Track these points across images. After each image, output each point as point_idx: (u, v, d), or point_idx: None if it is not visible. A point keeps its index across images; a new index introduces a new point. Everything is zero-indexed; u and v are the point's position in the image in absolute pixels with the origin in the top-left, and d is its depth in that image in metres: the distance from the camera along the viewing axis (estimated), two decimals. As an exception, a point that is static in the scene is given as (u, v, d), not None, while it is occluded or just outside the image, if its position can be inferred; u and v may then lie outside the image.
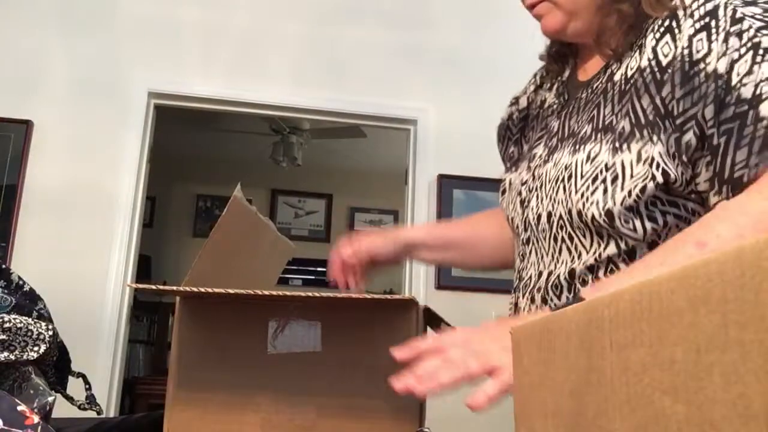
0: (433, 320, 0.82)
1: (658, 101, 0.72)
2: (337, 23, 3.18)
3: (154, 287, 0.80)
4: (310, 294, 0.70)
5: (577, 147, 0.82)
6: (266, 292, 0.71)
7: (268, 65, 3.10)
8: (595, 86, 0.86)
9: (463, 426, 2.70)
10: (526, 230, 0.90)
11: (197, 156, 5.42)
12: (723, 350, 0.23)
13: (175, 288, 0.73)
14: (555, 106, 0.95)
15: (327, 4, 3.20)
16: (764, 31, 0.66)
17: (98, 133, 2.88)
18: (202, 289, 0.70)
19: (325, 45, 3.15)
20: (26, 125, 2.79)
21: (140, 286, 0.78)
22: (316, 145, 4.92)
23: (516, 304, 0.91)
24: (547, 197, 0.84)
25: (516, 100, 1.09)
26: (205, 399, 0.76)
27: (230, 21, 3.10)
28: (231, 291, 0.70)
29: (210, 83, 3.01)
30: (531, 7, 0.88)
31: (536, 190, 0.87)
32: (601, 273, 0.77)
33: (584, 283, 0.79)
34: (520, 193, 0.92)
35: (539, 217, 0.85)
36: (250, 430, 0.74)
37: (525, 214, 0.90)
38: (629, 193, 0.72)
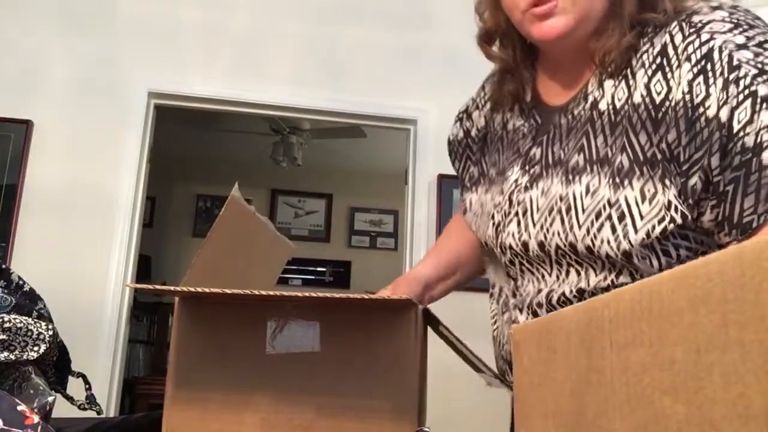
0: (432, 321, 0.82)
1: (663, 145, 0.73)
2: (337, 23, 3.18)
3: (151, 287, 0.80)
4: (308, 294, 0.70)
5: (571, 177, 0.81)
6: (264, 292, 0.71)
7: (268, 65, 3.10)
8: (576, 113, 0.84)
9: (463, 426, 2.69)
10: (505, 254, 0.88)
11: (197, 156, 5.42)
12: (723, 350, 0.23)
13: (173, 288, 0.73)
14: (525, 130, 0.92)
15: (327, 4, 3.20)
16: (759, 79, 0.68)
17: (98, 133, 2.88)
18: (200, 290, 0.70)
19: (325, 45, 3.15)
20: (26, 125, 2.79)
21: (138, 286, 0.78)
22: (316, 145, 4.92)
23: (514, 320, 0.89)
24: (535, 225, 0.83)
25: (468, 116, 1.05)
26: (204, 399, 0.76)
27: (230, 21, 3.10)
28: (229, 291, 0.70)
29: (210, 83, 3.01)
30: (536, 4, 0.80)
31: (516, 216, 0.86)
32: None
33: None
34: (492, 216, 0.90)
35: (525, 244, 0.84)
36: (250, 430, 0.74)
37: (501, 239, 0.88)
38: (647, 234, 0.73)
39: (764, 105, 0.67)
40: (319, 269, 5.58)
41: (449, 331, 0.81)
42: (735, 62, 0.69)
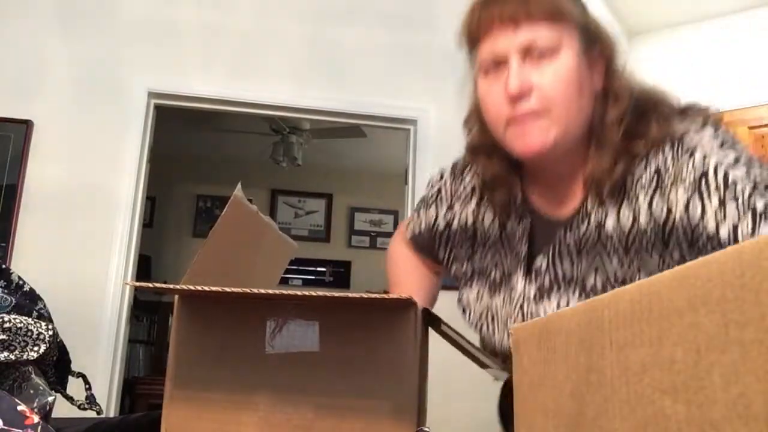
0: (434, 321, 0.82)
1: (674, 264, 0.77)
2: (337, 23, 3.18)
3: (151, 285, 0.79)
4: (307, 293, 0.70)
5: (591, 298, 0.83)
6: (264, 291, 0.71)
7: (268, 65, 3.10)
8: (582, 231, 0.86)
9: (462, 426, 2.69)
10: None
11: (197, 156, 5.42)
12: (723, 350, 0.23)
13: (172, 286, 0.73)
14: (520, 233, 0.93)
15: (327, 4, 3.20)
16: (755, 194, 0.72)
17: (98, 133, 2.87)
18: (200, 288, 0.70)
19: (325, 45, 3.15)
20: (26, 125, 2.79)
21: (138, 284, 0.78)
22: (316, 145, 4.92)
23: None
24: None
25: (449, 207, 1.04)
26: (203, 398, 0.76)
27: (230, 21, 3.10)
28: (228, 290, 0.70)
29: (210, 83, 3.01)
30: (513, 121, 0.82)
31: None
32: None
33: None
34: (506, 325, 0.92)
35: None
36: (248, 430, 0.74)
37: None
38: None
39: (763, 218, 0.70)
40: (319, 269, 5.58)
41: (452, 329, 0.81)
42: (730, 180, 0.73)
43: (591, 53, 0.85)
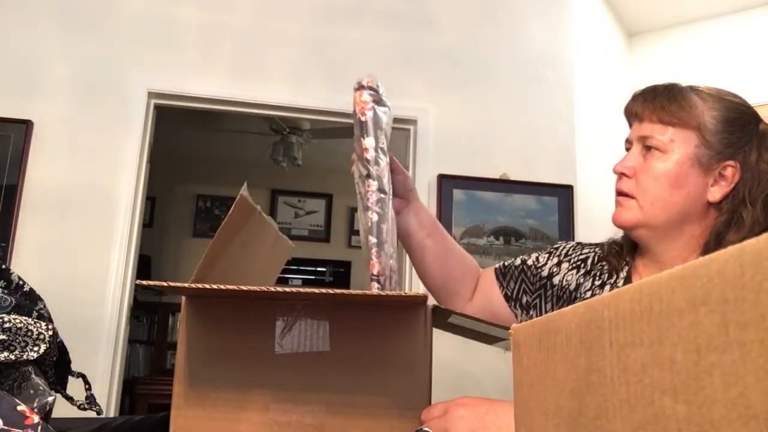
0: (442, 315, 0.82)
1: None
2: (337, 23, 3.18)
3: (165, 284, 0.78)
4: (322, 291, 0.69)
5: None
6: (278, 289, 0.71)
7: (268, 65, 3.10)
8: None
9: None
10: None
11: (197, 156, 5.42)
12: (723, 350, 0.23)
13: (186, 285, 0.72)
14: None
15: (327, 4, 3.20)
16: None
17: (98, 133, 2.87)
18: (214, 286, 0.70)
19: (325, 45, 3.15)
20: (26, 125, 2.78)
21: (151, 283, 0.77)
22: (316, 145, 4.92)
23: None
24: None
25: (558, 261, 1.11)
26: (213, 398, 0.76)
27: (230, 21, 3.10)
28: (245, 287, 0.69)
29: (210, 83, 3.01)
30: (616, 194, 1.00)
31: None
32: None
33: None
34: None
35: None
36: (258, 429, 0.74)
37: None
38: None
39: None
40: (319, 269, 5.58)
41: (463, 315, 0.80)
42: None
43: (713, 165, 0.94)
